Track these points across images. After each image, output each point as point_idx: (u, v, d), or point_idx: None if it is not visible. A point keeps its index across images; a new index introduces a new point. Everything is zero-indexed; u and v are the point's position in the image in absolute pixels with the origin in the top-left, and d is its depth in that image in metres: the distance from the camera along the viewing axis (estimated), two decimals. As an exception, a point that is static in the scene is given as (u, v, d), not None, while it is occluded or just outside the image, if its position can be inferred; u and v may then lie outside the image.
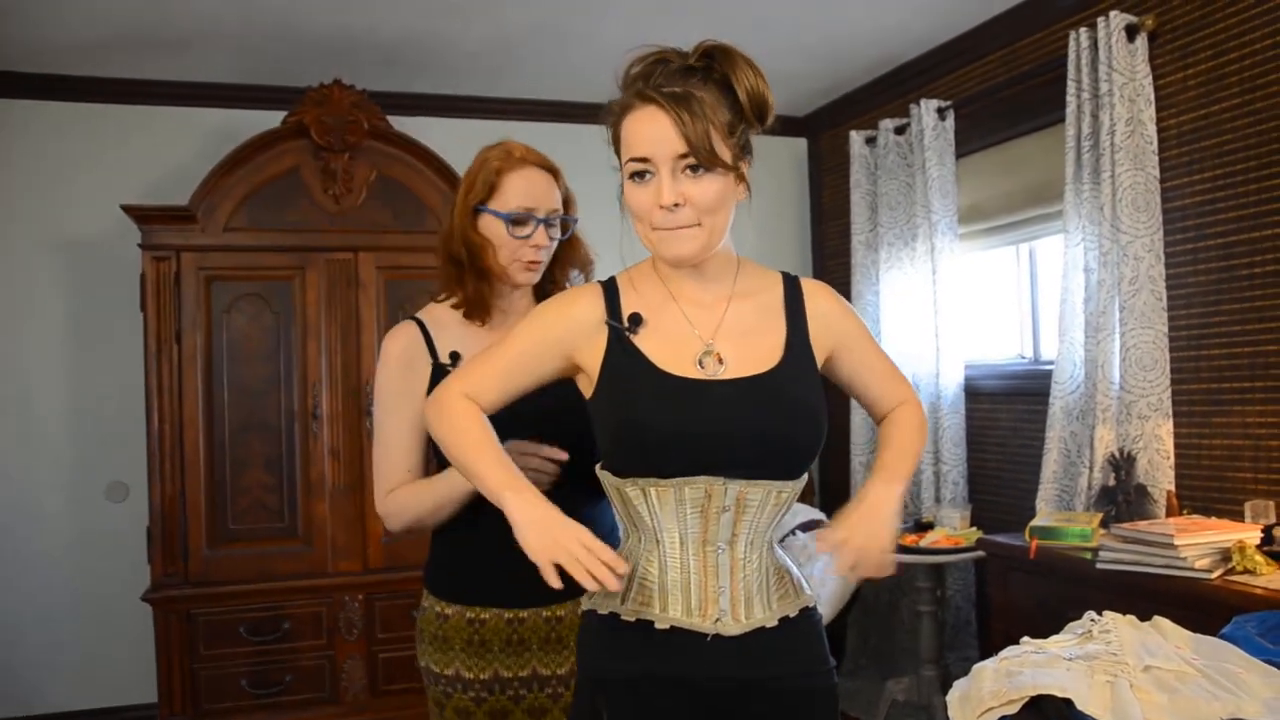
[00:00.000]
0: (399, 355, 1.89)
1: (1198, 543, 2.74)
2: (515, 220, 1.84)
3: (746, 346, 1.50)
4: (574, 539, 1.40)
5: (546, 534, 1.41)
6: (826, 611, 3.92)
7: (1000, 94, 3.94)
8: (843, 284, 4.82)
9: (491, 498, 1.48)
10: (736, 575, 1.46)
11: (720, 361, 1.47)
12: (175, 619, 3.71)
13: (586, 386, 1.54)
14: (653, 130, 1.40)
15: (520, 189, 1.86)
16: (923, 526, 4.13)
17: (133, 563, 4.10)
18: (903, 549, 3.88)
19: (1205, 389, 3.15)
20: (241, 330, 3.87)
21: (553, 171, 1.92)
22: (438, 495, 1.81)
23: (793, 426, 1.46)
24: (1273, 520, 2.89)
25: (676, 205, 1.40)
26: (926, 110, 4.19)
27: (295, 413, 3.91)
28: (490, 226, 1.86)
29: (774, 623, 1.48)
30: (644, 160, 1.41)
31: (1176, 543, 2.71)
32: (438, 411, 1.56)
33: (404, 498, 1.84)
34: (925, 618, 4.05)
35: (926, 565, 3.95)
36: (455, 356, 1.88)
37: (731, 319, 1.51)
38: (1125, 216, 3.28)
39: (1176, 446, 3.23)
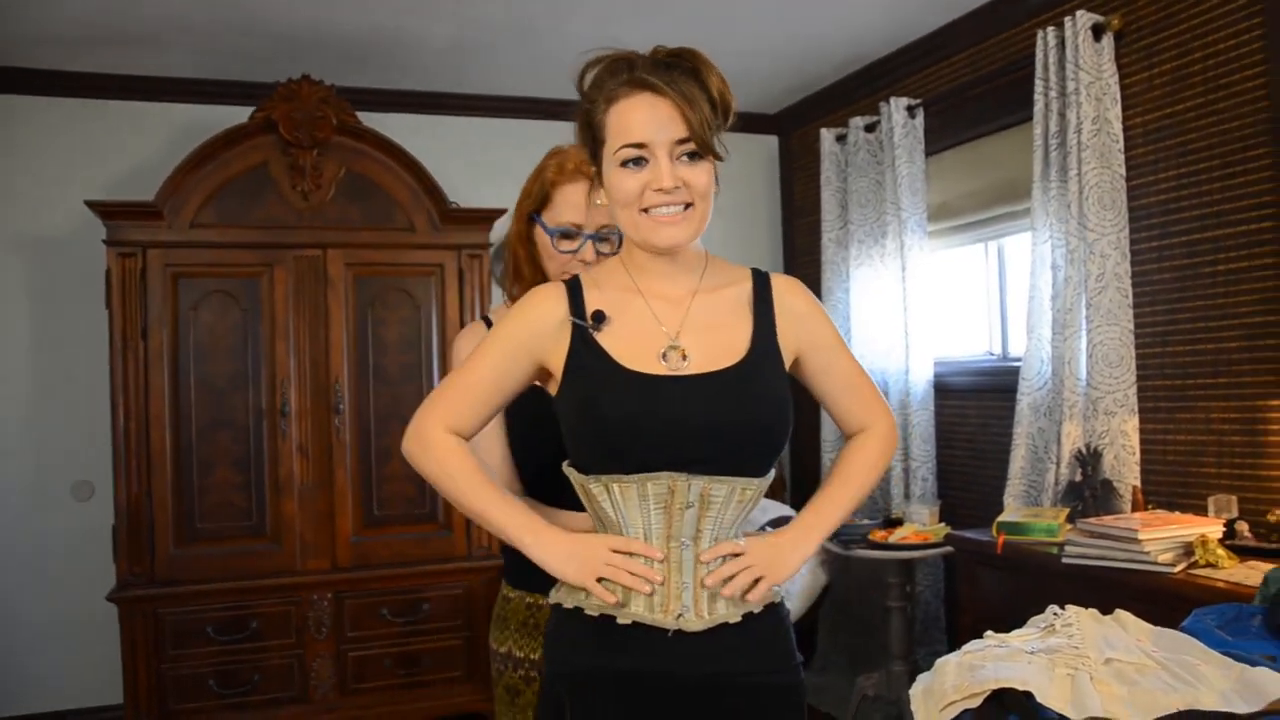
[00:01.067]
0: (464, 351, 1.94)
1: (1161, 537, 2.78)
2: (563, 234, 1.88)
3: (711, 341, 1.50)
4: (603, 552, 1.46)
5: (577, 560, 1.47)
6: (797, 606, 3.94)
7: (969, 92, 3.97)
8: (813, 281, 4.84)
9: (507, 540, 1.51)
10: (700, 571, 1.47)
11: (684, 357, 1.48)
12: (141, 619, 3.68)
13: (553, 386, 1.54)
14: (651, 115, 1.42)
15: (570, 203, 1.88)
16: (892, 523, 4.15)
17: (98, 562, 4.06)
18: (872, 545, 3.92)
19: (1170, 385, 3.18)
20: (209, 327, 3.84)
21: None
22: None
23: (755, 422, 1.46)
24: (1235, 514, 2.93)
25: (675, 188, 1.43)
26: (896, 108, 4.21)
27: (263, 410, 3.88)
28: (541, 236, 1.91)
29: (738, 618, 1.48)
30: (640, 146, 1.42)
31: (1140, 537, 2.74)
32: (422, 450, 1.53)
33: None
34: (895, 613, 4.07)
35: (896, 561, 3.97)
36: None
37: (697, 314, 1.52)
38: (1092, 214, 3.31)
39: (1142, 442, 3.27)
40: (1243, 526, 2.87)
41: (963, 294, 4.35)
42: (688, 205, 1.45)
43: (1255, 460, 2.93)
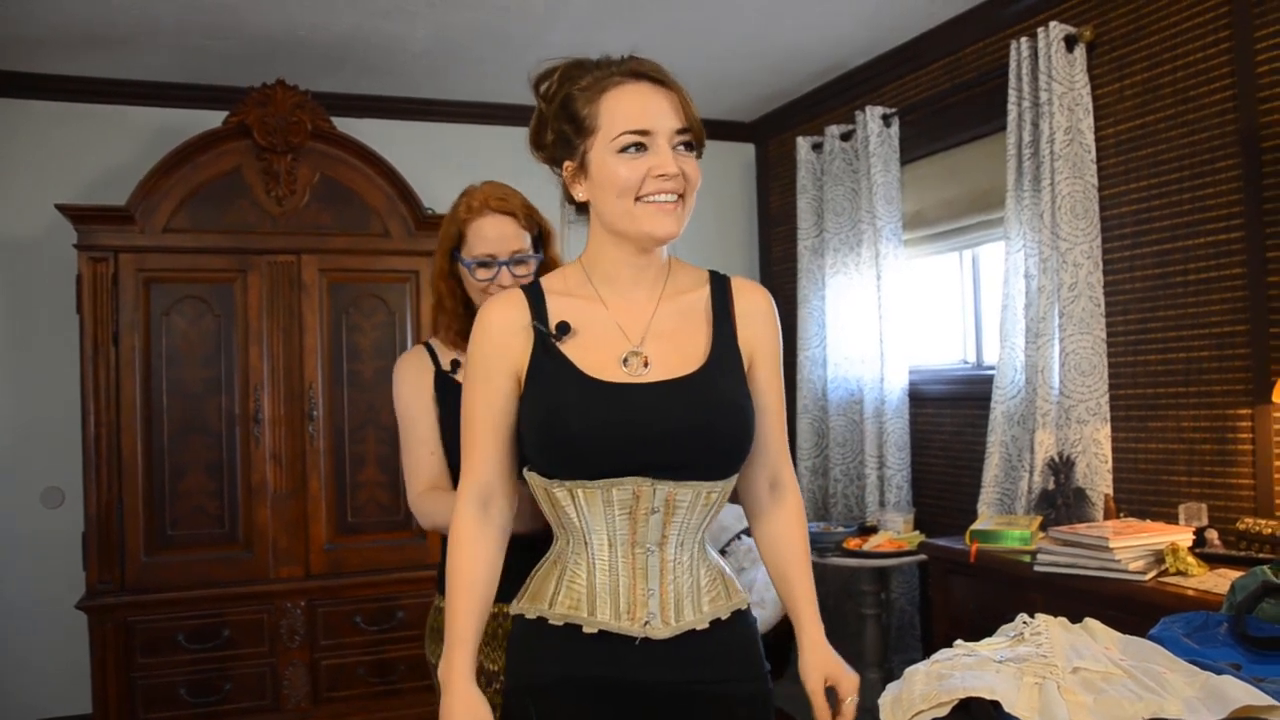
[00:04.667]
0: (406, 375, 2.08)
1: (1132, 545, 2.79)
2: (480, 265, 1.99)
3: (673, 348, 1.48)
4: None
5: None
6: (771, 614, 3.95)
7: (944, 102, 4.00)
8: (789, 289, 4.86)
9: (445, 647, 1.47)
10: (666, 577, 1.46)
11: (646, 363, 1.46)
12: (111, 627, 3.63)
13: (516, 391, 1.52)
14: (652, 104, 1.42)
15: (482, 236, 1.99)
16: (866, 530, 4.17)
17: (68, 570, 4.02)
18: (847, 553, 3.93)
19: (1141, 394, 3.21)
20: (181, 333, 3.81)
21: (512, 214, 2.02)
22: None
23: (719, 426, 1.44)
24: (1205, 522, 2.95)
25: (676, 174, 1.42)
26: (871, 117, 4.23)
27: (236, 416, 3.85)
28: (463, 271, 2.03)
29: (705, 625, 1.47)
30: (644, 133, 1.42)
31: (1111, 545, 2.76)
32: (452, 530, 1.51)
33: (430, 505, 1.98)
34: (869, 621, 4.10)
35: (870, 569, 3.99)
36: (456, 364, 2.05)
37: (660, 320, 1.51)
38: (1065, 224, 3.33)
39: (1114, 450, 3.29)
40: (1212, 534, 2.90)
41: (937, 302, 4.37)
42: (679, 197, 1.44)
43: (1225, 469, 2.95)
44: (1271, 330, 2.79)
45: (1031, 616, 1.79)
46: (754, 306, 1.56)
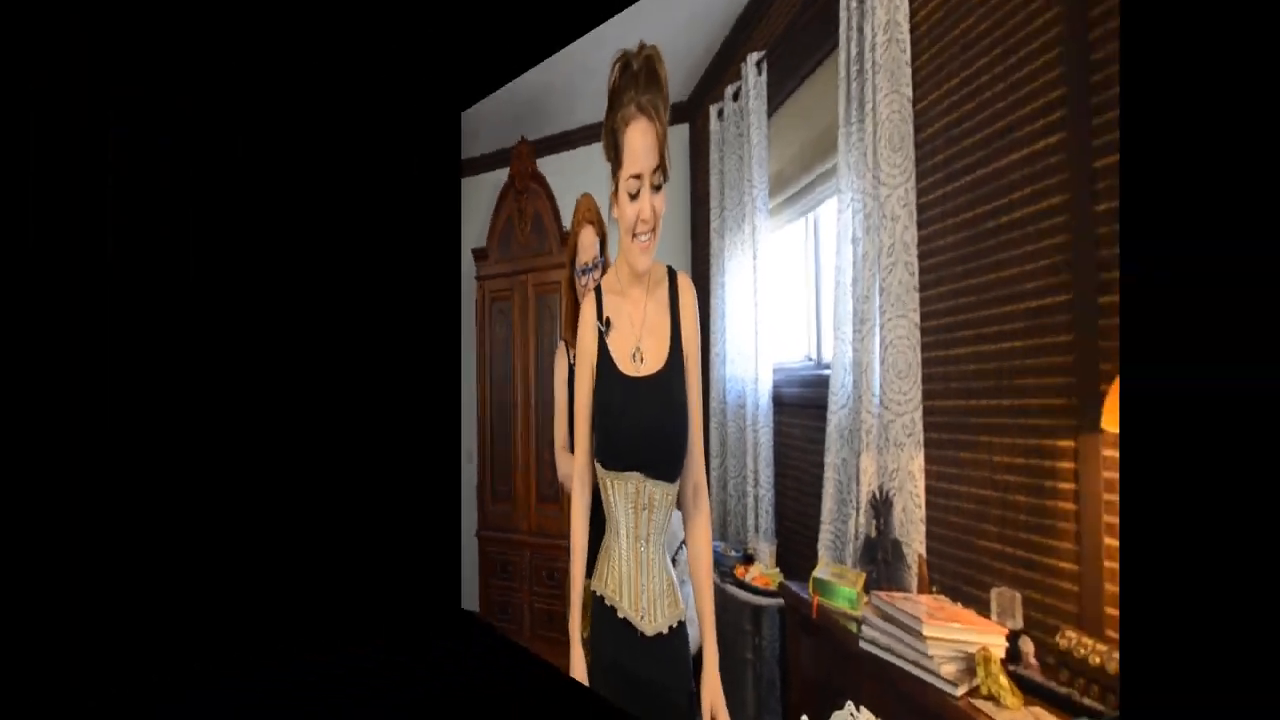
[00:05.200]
0: (556, 365, 2.20)
1: (944, 638, 1.59)
2: (583, 271, 2.10)
3: (656, 343, 1.47)
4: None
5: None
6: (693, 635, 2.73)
7: (800, 20, 2.53)
8: (705, 280, 3.47)
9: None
10: (651, 575, 1.45)
11: (642, 359, 1.44)
12: (483, 555, 4.26)
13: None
14: (642, 145, 1.45)
15: (584, 246, 2.09)
16: (749, 559, 2.83)
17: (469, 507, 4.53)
18: (735, 581, 2.73)
19: (953, 407, 1.69)
20: (499, 338, 4.42)
21: (593, 223, 2.07)
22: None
23: (675, 425, 1.42)
24: (1019, 623, 1.47)
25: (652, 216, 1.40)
26: (750, 65, 2.84)
27: (510, 404, 4.34)
28: (576, 277, 2.11)
29: (666, 630, 1.48)
30: (638, 176, 1.44)
31: (925, 633, 1.61)
32: (572, 510, 1.48)
33: (563, 461, 2.05)
34: (747, 668, 2.77)
35: (751, 605, 2.72)
36: None
37: (649, 316, 1.51)
38: (884, 160, 1.90)
39: (927, 490, 1.79)
40: (1028, 647, 1.45)
41: (787, 283, 2.78)
42: (652, 230, 1.41)
43: (1043, 538, 1.43)
44: (1101, 301, 1.27)
45: (858, 709, 1.55)
46: (686, 302, 1.58)
